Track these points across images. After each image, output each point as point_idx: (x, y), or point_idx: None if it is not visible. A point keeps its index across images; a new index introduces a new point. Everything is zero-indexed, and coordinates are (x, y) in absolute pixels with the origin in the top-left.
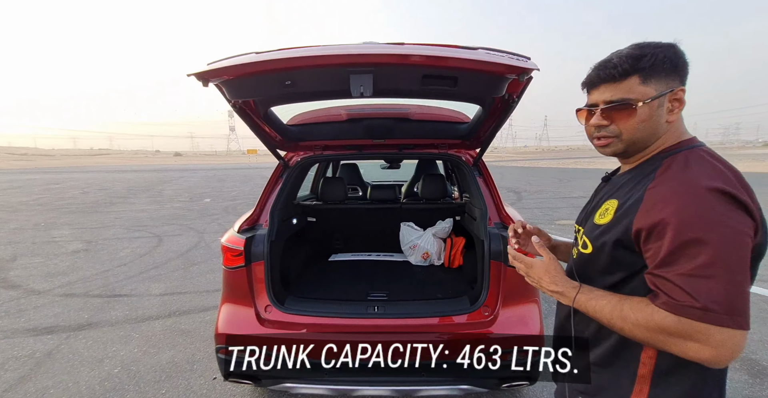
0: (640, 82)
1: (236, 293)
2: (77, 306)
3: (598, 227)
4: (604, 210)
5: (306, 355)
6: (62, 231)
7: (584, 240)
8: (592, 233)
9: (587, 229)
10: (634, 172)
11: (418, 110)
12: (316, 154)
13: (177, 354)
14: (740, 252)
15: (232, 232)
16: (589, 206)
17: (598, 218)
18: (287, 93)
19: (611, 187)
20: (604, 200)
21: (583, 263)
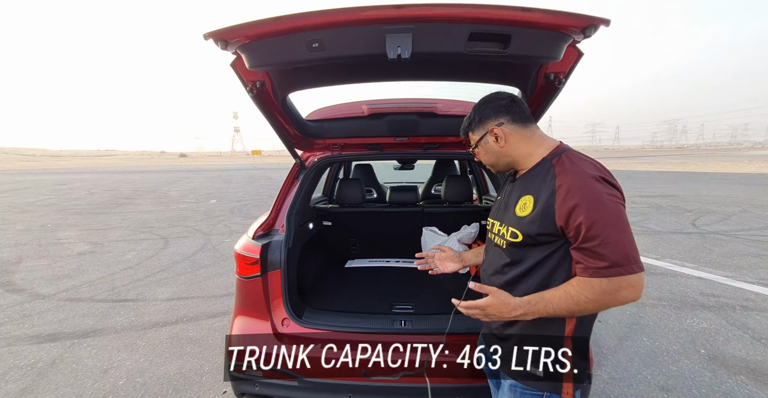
0: (473, 133)
1: (251, 304)
2: (82, 312)
3: (523, 218)
4: (523, 205)
5: (328, 374)
6: (68, 233)
7: (512, 231)
8: (519, 224)
9: (510, 222)
10: (532, 173)
11: (445, 105)
12: (334, 154)
13: (185, 365)
14: (624, 217)
15: (247, 238)
16: (502, 203)
17: (519, 212)
18: (314, 59)
19: (519, 186)
20: (518, 196)
21: (515, 249)
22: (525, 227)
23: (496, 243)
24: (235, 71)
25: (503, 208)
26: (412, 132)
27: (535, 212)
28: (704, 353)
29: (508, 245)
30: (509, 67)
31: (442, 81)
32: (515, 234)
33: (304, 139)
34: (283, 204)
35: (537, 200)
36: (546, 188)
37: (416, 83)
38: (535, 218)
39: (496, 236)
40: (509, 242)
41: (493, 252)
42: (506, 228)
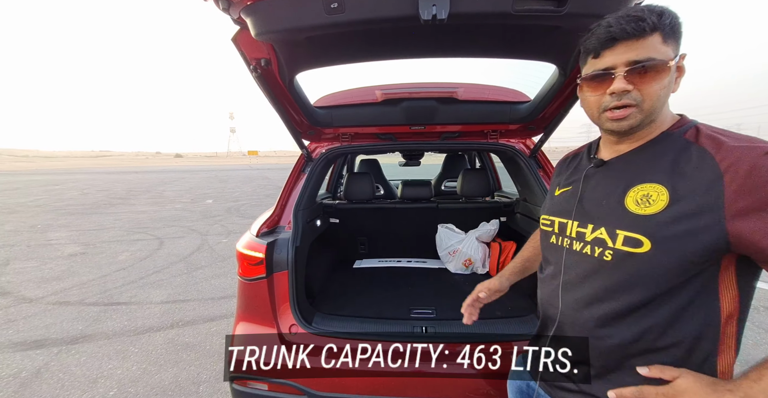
0: (662, 42)
1: (255, 309)
2: (71, 316)
3: (650, 217)
4: (643, 198)
5: (341, 388)
6: (59, 233)
7: (629, 236)
8: (643, 226)
9: (619, 222)
10: (648, 152)
11: (467, 89)
12: (344, 144)
13: (180, 373)
14: None
15: (250, 236)
16: (576, 195)
17: (638, 208)
18: (331, 24)
19: (618, 171)
20: (624, 185)
21: (631, 264)
22: (658, 231)
23: (584, 254)
24: (237, 47)
25: (585, 202)
26: (430, 120)
27: (677, 207)
28: None
29: (618, 259)
30: (551, 40)
31: (472, 57)
32: (637, 242)
33: (312, 128)
34: (289, 199)
35: (677, 190)
36: (695, 173)
37: (435, 68)
38: (678, 217)
39: (586, 244)
40: (622, 254)
41: (582, 268)
42: (611, 232)
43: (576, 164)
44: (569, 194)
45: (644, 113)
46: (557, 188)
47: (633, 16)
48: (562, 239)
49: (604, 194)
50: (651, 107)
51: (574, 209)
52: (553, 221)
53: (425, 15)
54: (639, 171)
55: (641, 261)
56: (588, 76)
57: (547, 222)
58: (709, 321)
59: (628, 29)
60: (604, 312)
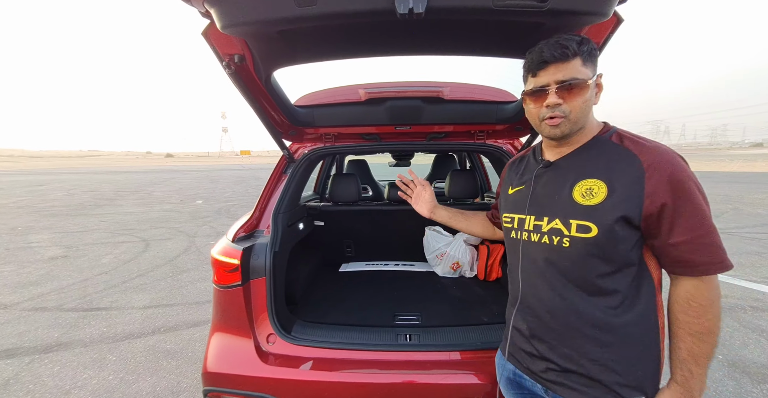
0: (582, 64)
1: (231, 319)
2: (47, 323)
3: (594, 207)
4: (586, 191)
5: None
6: (41, 236)
7: (579, 224)
8: (589, 214)
9: (569, 213)
10: (586, 154)
11: (452, 89)
12: (327, 145)
13: (159, 382)
14: None
15: (226, 241)
16: (530, 193)
17: (583, 199)
18: (302, 17)
19: (564, 170)
20: (571, 182)
21: (586, 250)
22: (601, 218)
23: (543, 244)
24: (209, 42)
25: (539, 198)
26: (415, 120)
27: (614, 198)
28: (722, 359)
29: (573, 244)
30: (536, 38)
31: (454, 55)
32: (587, 228)
33: (293, 127)
34: (269, 202)
35: (612, 184)
36: (624, 168)
37: (420, 67)
38: (615, 206)
39: (543, 235)
40: (577, 240)
41: (543, 257)
42: (565, 222)
43: (524, 166)
44: (522, 193)
45: (572, 122)
46: (510, 188)
47: (560, 44)
48: (521, 232)
49: (555, 190)
50: (576, 117)
51: (526, 205)
52: (513, 218)
53: (401, 8)
54: (581, 169)
55: (590, 244)
56: (529, 91)
57: (507, 220)
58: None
59: (555, 54)
60: (567, 290)
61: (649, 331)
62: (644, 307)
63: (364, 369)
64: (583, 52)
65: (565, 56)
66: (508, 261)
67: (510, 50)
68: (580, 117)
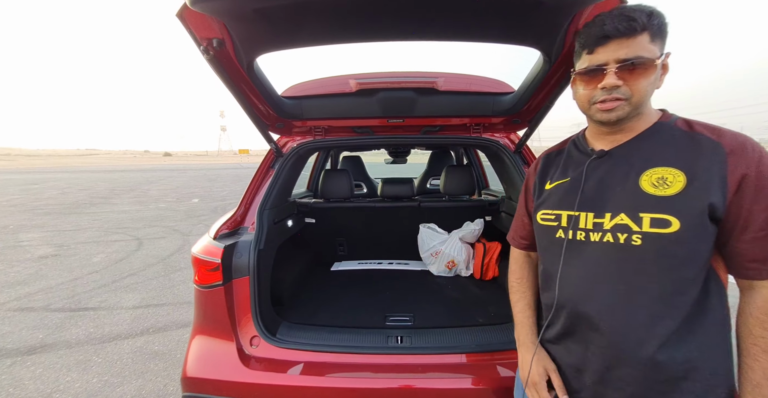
0: (650, 41)
1: (212, 321)
2: (32, 323)
3: (670, 199)
4: (658, 181)
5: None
6: (32, 234)
7: (656, 218)
8: (668, 206)
9: (640, 205)
10: (650, 139)
11: (447, 80)
12: (317, 138)
13: (145, 385)
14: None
15: (207, 239)
16: (588, 186)
17: (654, 190)
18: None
19: (625, 159)
20: (637, 171)
21: (664, 248)
22: (683, 209)
23: (607, 243)
24: (185, 24)
25: (595, 192)
26: (409, 112)
27: (695, 186)
28: None
29: (648, 242)
30: (534, 20)
31: (447, 40)
32: (666, 222)
33: (280, 120)
34: (255, 198)
35: (692, 171)
36: (702, 155)
37: (413, 56)
38: (698, 195)
39: (605, 233)
40: (652, 236)
41: (608, 258)
42: (634, 216)
43: (564, 159)
44: (569, 187)
45: (632, 106)
46: (548, 183)
47: (625, 15)
48: (574, 232)
49: (617, 182)
50: (638, 101)
51: (577, 201)
52: (559, 215)
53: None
54: (646, 157)
55: (671, 241)
56: (582, 70)
57: (550, 217)
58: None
59: (620, 28)
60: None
61: (723, 349)
62: (717, 320)
63: (352, 373)
64: (653, 27)
65: (631, 30)
66: (546, 266)
67: (508, 35)
68: (642, 102)
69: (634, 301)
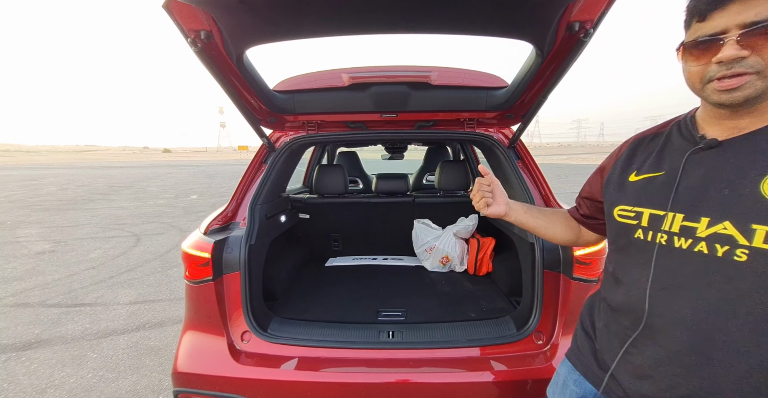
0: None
1: (203, 316)
2: (28, 319)
3: None
4: None
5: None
6: (29, 230)
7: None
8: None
9: (756, 215)
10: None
11: (441, 74)
12: (310, 132)
13: (140, 380)
14: None
15: (198, 234)
16: (684, 182)
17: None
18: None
19: (745, 155)
20: (762, 171)
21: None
22: None
23: (697, 254)
24: (171, 16)
25: (689, 191)
26: (402, 107)
27: None
28: None
29: (755, 259)
30: (525, 12)
31: (439, 33)
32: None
33: (273, 114)
34: (247, 192)
35: None
36: None
37: (406, 50)
38: None
39: (697, 241)
40: (763, 253)
41: (692, 271)
42: (742, 227)
43: (660, 146)
44: (661, 182)
45: (767, 82)
46: (635, 173)
47: None
48: (655, 234)
49: (725, 181)
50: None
51: (670, 198)
52: (640, 213)
53: None
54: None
55: None
56: (691, 43)
57: (629, 214)
58: None
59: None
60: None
61: None
62: None
63: (343, 368)
64: None
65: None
66: (614, 263)
67: (499, 27)
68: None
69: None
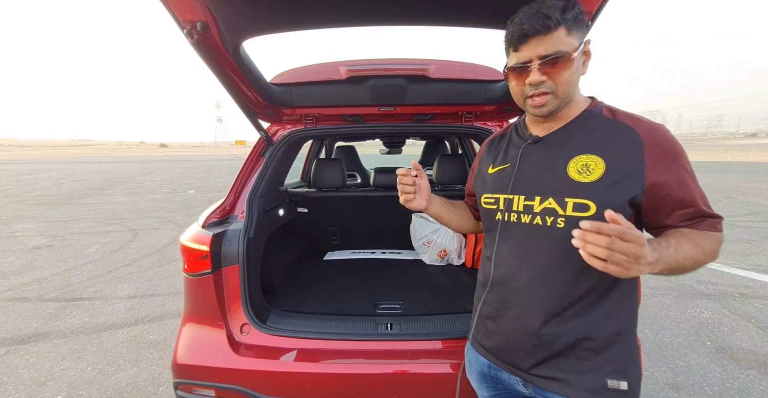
0: (567, 34)
1: (202, 308)
2: (26, 313)
3: (591, 184)
4: (582, 167)
5: (297, 394)
6: (25, 225)
7: (576, 202)
8: (587, 191)
9: (563, 190)
10: (579, 127)
11: (439, 67)
12: (308, 126)
13: (140, 373)
14: None
15: (196, 227)
16: (514, 171)
17: (578, 176)
18: None
19: (557, 146)
20: (565, 158)
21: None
22: (599, 195)
23: (536, 226)
24: (167, 6)
25: (528, 177)
26: (400, 100)
27: (613, 173)
28: (710, 345)
29: (570, 225)
30: (522, 6)
31: (436, 25)
32: (585, 206)
33: (270, 107)
34: (245, 186)
35: (611, 159)
36: (621, 144)
37: (404, 43)
38: (615, 182)
39: (535, 215)
40: (573, 219)
41: (537, 238)
42: (560, 201)
43: (506, 144)
44: (508, 171)
45: (559, 99)
46: (491, 167)
47: (541, 13)
48: (509, 214)
49: (547, 167)
50: (564, 93)
51: (510, 184)
52: (498, 199)
53: None
54: (574, 144)
55: None
56: (510, 67)
57: (491, 200)
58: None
59: (536, 27)
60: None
61: (629, 315)
62: (625, 289)
63: (341, 360)
64: (568, 20)
65: (546, 28)
66: (486, 245)
67: (490, 19)
68: (568, 92)
69: (548, 276)
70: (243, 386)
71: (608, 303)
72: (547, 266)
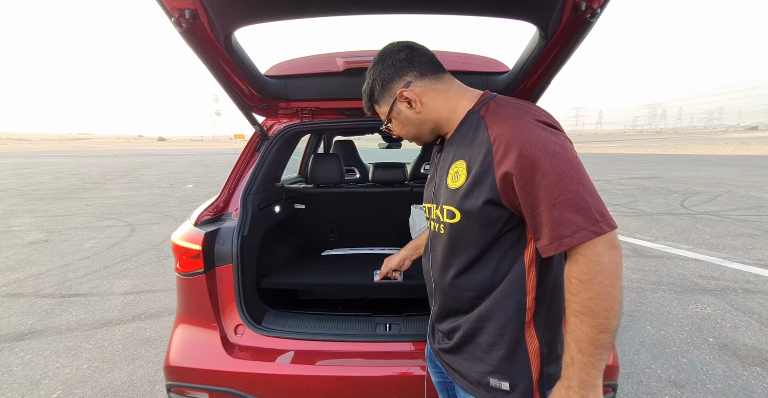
0: (379, 107)
1: (195, 309)
2: (21, 309)
3: (457, 190)
4: (455, 174)
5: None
6: (22, 220)
7: (447, 209)
8: (453, 199)
9: (444, 199)
10: (460, 132)
11: (439, 57)
12: (304, 120)
13: (136, 371)
14: (582, 167)
15: (188, 225)
16: (434, 179)
17: (452, 183)
18: None
19: (447, 153)
20: (448, 165)
21: (454, 235)
22: (461, 202)
23: (436, 231)
24: None
25: (436, 185)
26: None
27: (471, 178)
28: (713, 342)
29: (447, 229)
30: None
31: (439, 13)
32: (452, 213)
33: (264, 101)
34: (240, 182)
35: (471, 164)
36: (478, 146)
37: (404, 33)
38: (472, 187)
39: (434, 222)
40: (447, 225)
41: (436, 244)
42: (441, 208)
43: (435, 153)
44: (429, 180)
45: (416, 138)
46: (429, 177)
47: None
48: (431, 222)
49: (440, 175)
50: (411, 135)
51: (431, 193)
52: (429, 208)
53: None
54: (456, 150)
55: (457, 229)
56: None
57: (425, 209)
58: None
59: (366, 108)
60: (447, 280)
61: (515, 318)
62: (506, 294)
63: (339, 361)
64: (374, 99)
65: (370, 110)
66: None
67: (498, 8)
68: (414, 133)
69: (445, 276)
70: (237, 389)
71: (489, 304)
72: (440, 268)
